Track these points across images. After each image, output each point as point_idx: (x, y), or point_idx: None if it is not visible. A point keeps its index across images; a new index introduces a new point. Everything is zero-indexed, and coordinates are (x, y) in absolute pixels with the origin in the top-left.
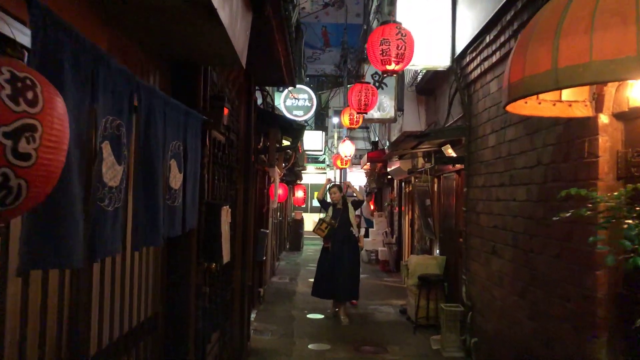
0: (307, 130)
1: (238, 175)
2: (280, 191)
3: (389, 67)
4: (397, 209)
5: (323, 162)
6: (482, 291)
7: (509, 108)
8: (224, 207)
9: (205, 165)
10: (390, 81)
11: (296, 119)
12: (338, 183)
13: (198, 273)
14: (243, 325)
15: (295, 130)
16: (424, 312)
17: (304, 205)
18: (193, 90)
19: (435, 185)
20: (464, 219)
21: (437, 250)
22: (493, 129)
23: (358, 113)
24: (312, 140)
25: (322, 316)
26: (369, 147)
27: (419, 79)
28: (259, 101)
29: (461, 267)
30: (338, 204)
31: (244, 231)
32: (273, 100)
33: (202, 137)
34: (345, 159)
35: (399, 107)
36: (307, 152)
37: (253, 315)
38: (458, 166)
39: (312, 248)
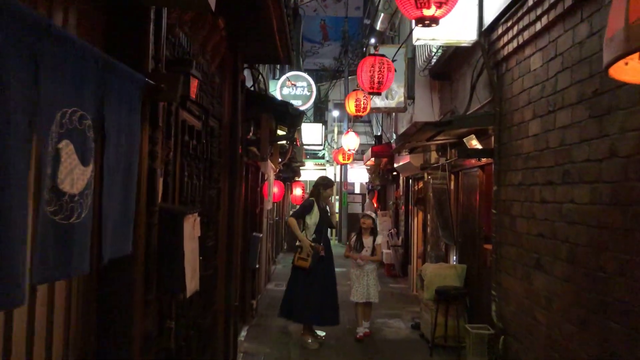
0: (306, 122)
1: (221, 172)
2: (275, 189)
3: (426, 12)
4: (403, 207)
5: (322, 157)
6: (519, 312)
7: (612, 72)
8: (189, 215)
9: (171, 157)
10: (400, 65)
11: None
12: (325, 178)
13: (148, 311)
14: (228, 354)
15: (291, 117)
16: (442, 331)
17: None
18: (136, 43)
19: (452, 183)
20: (493, 223)
21: (455, 257)
22: (536, 114)
23: (370, 94)
24: (310, 133)
25: (324, 333)
26: (372, 142)
27: (433, 61)
28: (250, 84)
29: (487, 279)
30: (323, 207)
31: (229, 239)
32: (266, 83)
33: (145, 113)
34: (349, 152)
35: (409, 95)
36: (305, 147)
37: (243, 334)
38: (484, 160)
39: None
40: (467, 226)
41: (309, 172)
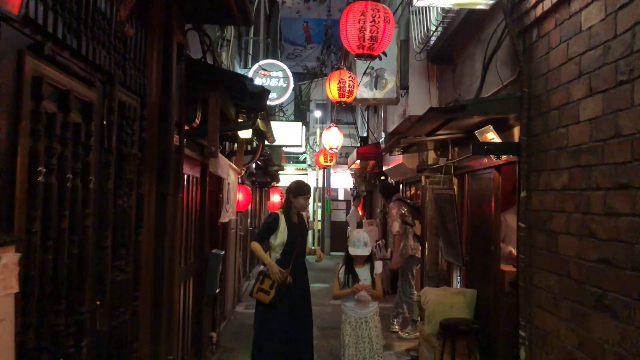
0: (283, 121)
1: (145, 172)
2: (239, 196)
3: None
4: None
5: (304, 161)
6: None
7: None
8: None
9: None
10: (391, 49)
11: (269, 104)
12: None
13: None
14: None
15: (251, 96)
16: None
17: None
18: None
19: (456, 188)
20: (520, 241)
21: (458, 278)
22: (593, 89)
23: (358, 56)
24: (289, 133)
25: None
26: (357, 145)
27: (431, 42)
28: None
29: (507, 311)
30: (296, 221)
31: (157, 268)
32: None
33: None
34: (331, 152)
35: (402, 85)
36: (284, 150)
37: None
38: (503, 158)
39: None
40: (477, 242)
41: (290, 178)
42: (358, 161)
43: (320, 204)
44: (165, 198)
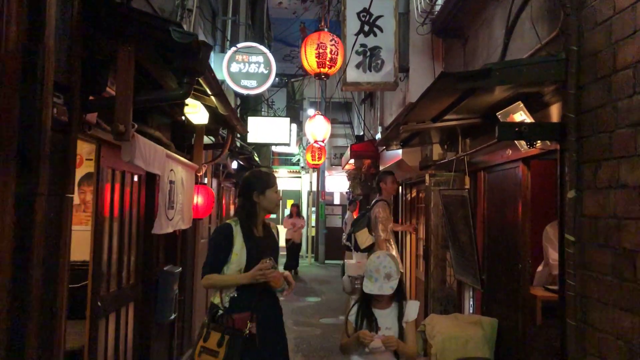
0: (270, 117)
1: None
2: (199, 199)
3: None
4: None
5: (297, 163)
6: None
7: None
8: None
9: None
10: (387, 22)
11: (247, 92)
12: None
13: None
14: None
15: (181, 50)
16: None
17: (274, 215)
18: None
19: (469, 188)
20: (568, 260)
21: (471, 301)
22: None
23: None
24: (276, 130)
25: None
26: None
27: (436, 9)
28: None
29: (543, 349)
30: (260, 235)
31: (16, 302)
32: None
33: None
34: (317, 145)
35: (402, 66)
36: (275, 150)
37: None
38: (537, 146)
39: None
40: (497, 257)
41: (283, 181)
42: (352, 161)
43: (314, 208)
44: (31, 201)
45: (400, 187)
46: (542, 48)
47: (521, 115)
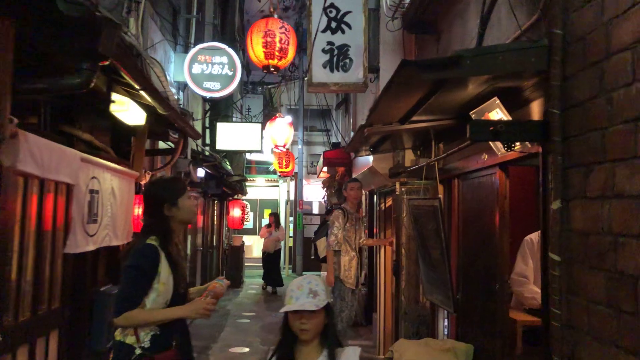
0: (236, 122)
1: None
2: (142, 211)
3: None
4: (366, 232)
5: (275, 172)
6: None
7: None
8: None
9: None
10: (356, 19)
11: (210, 95)
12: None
13: None
14: None
15: (74, 24)
16: None
17: (251, 226)
18: None
19: (442, 197)
20: (552, 284)
21: (446, 322)
22: None
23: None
24: (247, 136)
25: None
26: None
27: (406, 1)
28: None
29: None
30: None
31: None
32: None
33: None
34: (280, 150)
35: (372, 66)
36: (249, 158)
37: None
38: (516, 149)
39: (257, 283)
40: (472, 275)
41: (259, 190)
42: (325, 168)
43: (292, 218)
44: None
45: (375, 197)
46: (522, 35)
47: (498, 114)
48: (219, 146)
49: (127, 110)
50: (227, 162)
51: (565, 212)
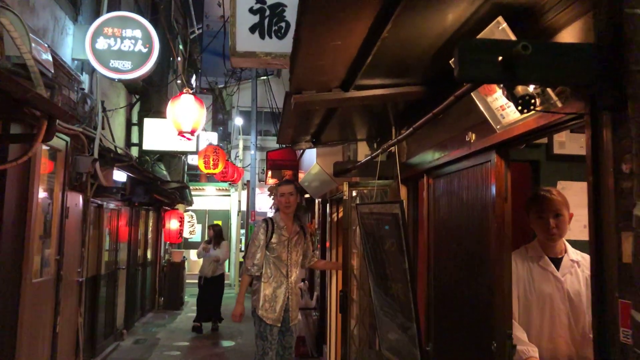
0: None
1: None
2: None
3: None
4: (319, 246)
5: (225, 180)
6: None
7: None
8: None
9: None
10: None
11: (118, 77)
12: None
13: None
14: None
15: None
16: None
17: (198, 239)
18: None
19: (406, 204)
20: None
21: None
22: None
23: None
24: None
25: None
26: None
27: None
28: None
29: None
30: None
31: None
32: None
33: None
34: (188, 138)
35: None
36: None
37: None
38: (529, 117)
39: None
40: (453, 318)
41: (208, 200)
42: (270, 173)
43: (243, 231)
44: None
45: (327, 206)
46: None
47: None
48: (147, 146)
49: None
50: (162, 166)
51: None
